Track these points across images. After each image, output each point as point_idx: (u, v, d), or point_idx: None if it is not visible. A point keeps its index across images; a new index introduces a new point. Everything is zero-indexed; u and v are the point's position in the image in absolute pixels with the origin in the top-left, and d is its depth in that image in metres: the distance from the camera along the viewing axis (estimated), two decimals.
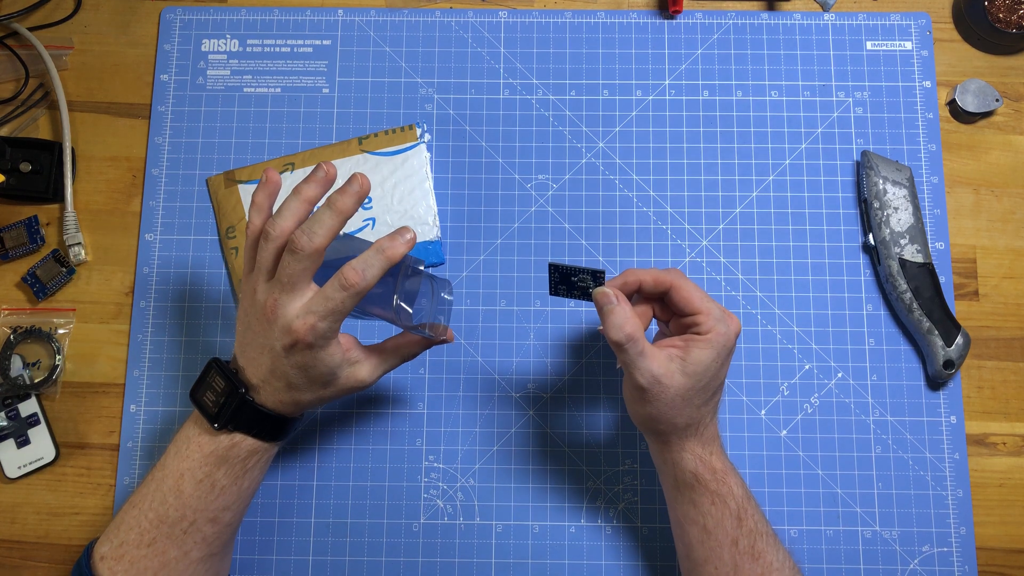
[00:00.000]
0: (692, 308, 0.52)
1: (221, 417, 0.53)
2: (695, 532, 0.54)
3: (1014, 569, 0.64)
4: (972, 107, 0.70)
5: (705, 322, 0.51)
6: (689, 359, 0.51)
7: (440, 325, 0.57)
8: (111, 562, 0.52)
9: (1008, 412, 0.66)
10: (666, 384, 0.50)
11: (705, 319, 0.51)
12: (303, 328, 0.50)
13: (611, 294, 0.51)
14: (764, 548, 0.53)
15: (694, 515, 0.54)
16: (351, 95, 0.71)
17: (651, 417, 0.52)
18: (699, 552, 0.54)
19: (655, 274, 0.53)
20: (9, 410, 0.65)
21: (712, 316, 0.51)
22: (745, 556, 0.52)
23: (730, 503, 0.53)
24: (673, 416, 0.52)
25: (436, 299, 0.57)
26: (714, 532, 0.53)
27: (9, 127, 0.71)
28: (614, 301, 0.51)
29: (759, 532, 0.53)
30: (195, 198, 0.70)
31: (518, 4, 0.74)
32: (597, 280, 0.53)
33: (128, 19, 0.73)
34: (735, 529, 0.53)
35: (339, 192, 0.51)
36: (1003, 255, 0.69)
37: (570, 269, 0.53)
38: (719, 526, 0.53)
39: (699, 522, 0.53)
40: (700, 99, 0.71)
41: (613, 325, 0.51)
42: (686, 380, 0.51)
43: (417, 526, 0.64)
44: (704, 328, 0.51)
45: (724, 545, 0.53)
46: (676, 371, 0.51)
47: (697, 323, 0.52)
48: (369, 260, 0.50)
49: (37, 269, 0.67)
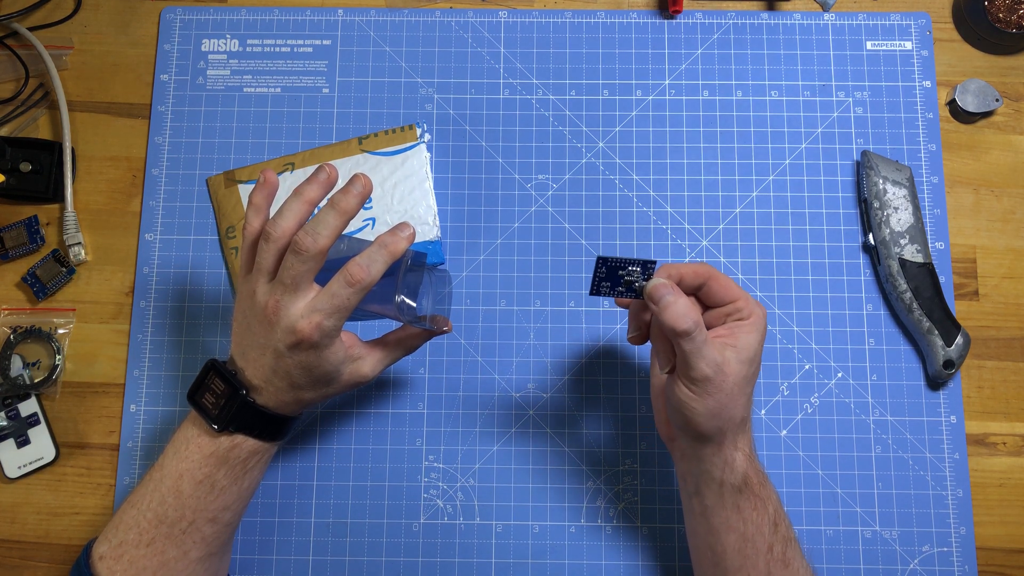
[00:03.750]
0: (732, 295, 0.52)
1: (222, 419, 0.52)
2: (732, 539, 0.52)
3: (1014, 569, 0.64)
4: (972, 107, 0.70)
5: (746, 307, 0.51)
6: (740, 345, 0.50)
7: (440, 317, 0.58)
8: (110, 561, 0.52)
9: (1008, 412, 0.66)
10: (728, 372, 0.49)
11: (745, 304, 0.52)
12: (308, 327, 0.50)
13: (669, 285, 0.50)
14: (793, 555, 0.52)
15: (735, 521, 0.52)
16: (351, 95, 0.71)
17: (711, 412, 0.50)
18: (734, 560, 0.52)
19: (692, 267, 0.52)
20: (9, 410, 0.65)
21: (750, 301, 0.52)
22: (778, 563, 0.51)
23: (768, 508, 0.52)
24: (733, 408, 0.50)
25: (435, 291, 0.57)
26: (753, 539, 0.51)
27: (9, 127, 0.71)
28: (673, 292, 0.49)
29: (789, 538, 0.52)
30: (195, 198, 0.70)
31: (518, 4, 0.74)
32: (647, 271, 0.51)
33: (128, 19, 0.73)
34: (771, 535, 0.51)
35: (342, 192, 0.51)
36: (1003, 255, 0.69)
37: (619, 262, 0.51)
38: (758, 532, 0.51)
39: (739, 529, 0.51)
40: (700, 99, 0.71)
41: (678, 314, 0.48)
42: (742, 367, 0.50)
43: (417, 526, 0.64)
44: (746, 312, 0.51)
45: (761, 552, 0.51)
46: (732, 359, 0.50)
47: (738, 308, 0.52)
48: (373, 256, 0.50)
49: (37, 269, 0.67)
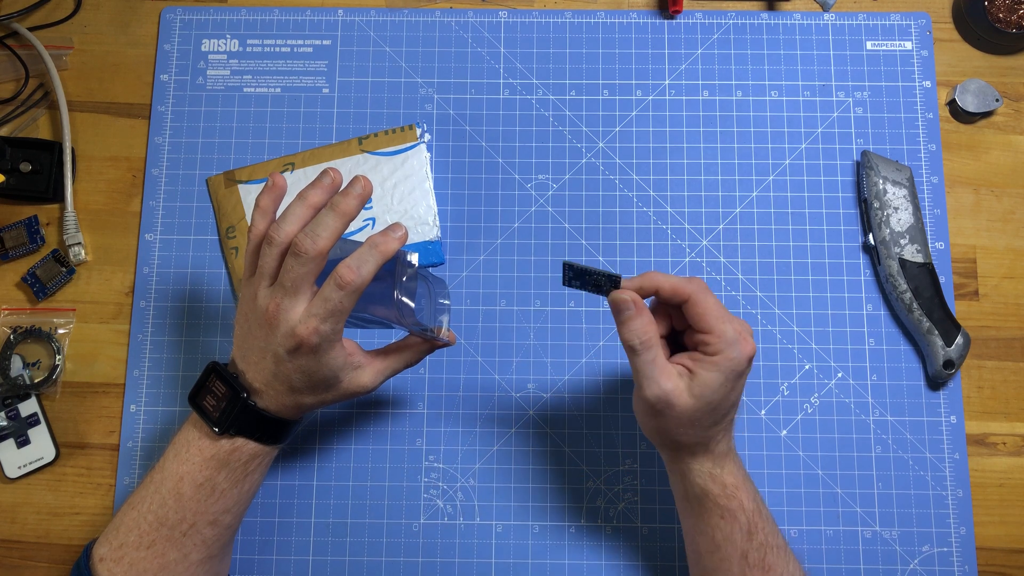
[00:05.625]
0: (704, 326, 0.49)
1: (223, 422, 0.52)
2: (704, 543, 0.53)
3: (1014, 569, 0.64)
4: (972, 107, 0.70)
5: (714, 343, 0.49)
6: (696, 379, 0.49)
7: (442, 327, 0.57)
8: (110, 563, 0.52)
9: (1008, 412, 0.66)
10: (673, 402, 0.48)
11: (715, 340, 0.49)
12: (306, 332, 0.50)
13: (629, 300, 0.49)
14: (774, 561, 0.52)
15: (702, 527, 0.53)
16: (351, 95, 0.71)
17: (658, 431, 0.51)
18: (708, 562, 0.53)
19: (675, 283, 0.50)
20: (9, 410, 0.65)
21: (724, 339, 0.49)
22: (755, 569, 0.51)
23: (740, 517, 0.52)
24: (679, 435, 0.50)
25: (434, 300, 0.57)
26: (723, 545, 0.52)
27: (9, 127, 0.71)
28: (632, 308, 0.49)
29: (769, 545, 0.52)
30: (195, 198, 0.70)
31: (518, 4, 0.73)
32: (613, 283, 0.51)
33: (128, 19, 0.73)
34: (745, 543, 0.52)
35: (341, 194, 0.51)
36: (1003, 255, 0.69)
37: (584, 269, 0.51)
38: (728, 540, 0.52)
39: (708, 534, 0.52)
40: (700, 99, 0.71)
41: (631, 330, 0.49)
42: (692, 401, 0.48)
43: (417, 526, 0.64)
44: (712, 349, 0.49)
45: (733, 558, 0.52)
46: (683, 390, 0.49)
47: (707, 343, 0.49)
48: (363, 256, 0.50)
49: (37, 269, 0.67)
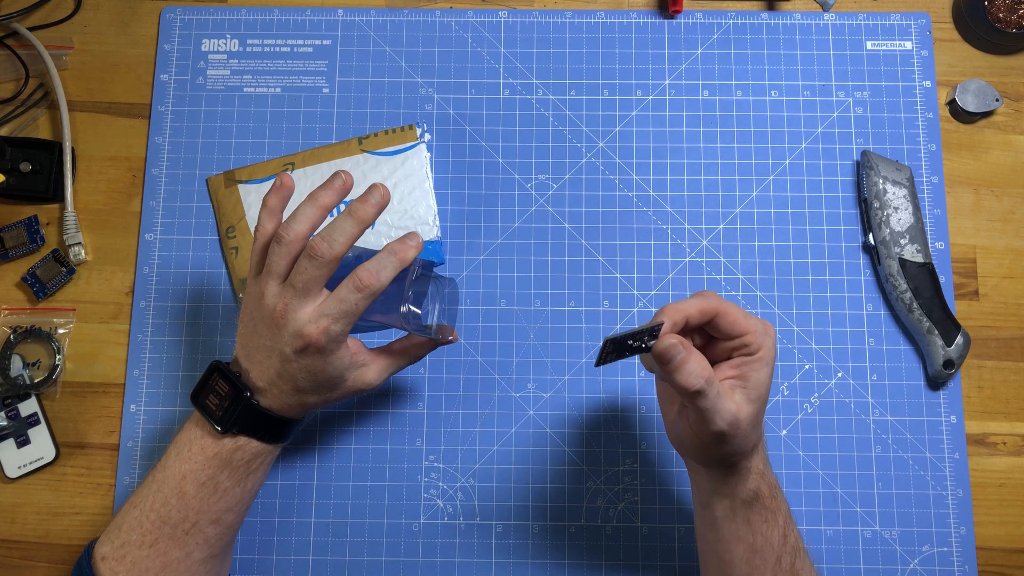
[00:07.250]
0: (740, 329, 0.49)
1: (226, 421, 0.53)
2: (741, 551, 0.52)
3: (1014, 569, 0.64)
4: (972, 107, 0.70)
5: (754, 341, 0.49)
6: (750, 384, 0.48)
7: (446, 326, 0.58)
8: (112, 562, 0.52)
9: (1008, 412, 0.66)
10: (740, 419, 0.47)
11: (753, 338, 0.49)
12: (316, 331, 0.50)
13: (677, 344, 0.47)
14: (802, 566, 0.52)
15: (745, 533, 0.51)
16: (351, 95, 0.71)
17: (726, 455, 0.49)
18: (741, 570, 0.52)
19: (698, 304, 0.49)
20: (9, 410, 0.65)
21: (757, 332, 0.49)
22: (786, 575, 0.51)
23: (779, 520, 0.51)
24: (745, 445, 0.49)
25: (442, 301, 0.58)
26: (761, 551, 0.51)
27: (9, 127, 0.71)
28: (683, 351, 0.47)
29: (798, 549, 0.52)
30: (195, 198, 0.70)
31: (518, 4, 0.74)
32: (654, 337, 0.47)
33: (128, 19, 0.73)
34: (780, 547, 0.51)
35: (360, 201, 0.52)
36: (1003, 255, 0.69)
37: (626, 336, 0.47)
38: (767, 544, 0.51)
39: (748, 540, 0.51)
40: (700, 99, 0.71)
41: (691, 373, 0.46)
42: (752, 407, 0.48)
43: (417, 526, 0.64)
44: (754, 347, 0.49)
45: (768, 564, 0.51)
46: (743, 402, 0.48)
47: (746, 344, 0.49)
48: (382, 262, 0.51)
49: (37, 269, 0.67)
